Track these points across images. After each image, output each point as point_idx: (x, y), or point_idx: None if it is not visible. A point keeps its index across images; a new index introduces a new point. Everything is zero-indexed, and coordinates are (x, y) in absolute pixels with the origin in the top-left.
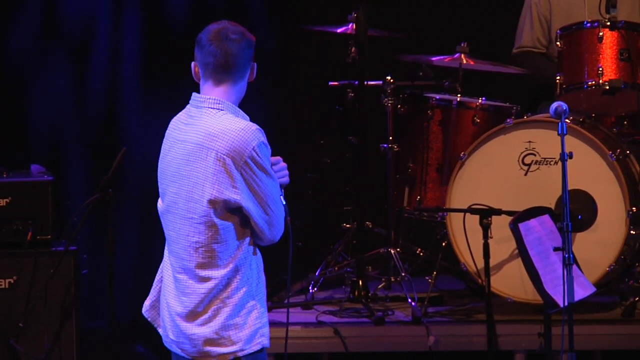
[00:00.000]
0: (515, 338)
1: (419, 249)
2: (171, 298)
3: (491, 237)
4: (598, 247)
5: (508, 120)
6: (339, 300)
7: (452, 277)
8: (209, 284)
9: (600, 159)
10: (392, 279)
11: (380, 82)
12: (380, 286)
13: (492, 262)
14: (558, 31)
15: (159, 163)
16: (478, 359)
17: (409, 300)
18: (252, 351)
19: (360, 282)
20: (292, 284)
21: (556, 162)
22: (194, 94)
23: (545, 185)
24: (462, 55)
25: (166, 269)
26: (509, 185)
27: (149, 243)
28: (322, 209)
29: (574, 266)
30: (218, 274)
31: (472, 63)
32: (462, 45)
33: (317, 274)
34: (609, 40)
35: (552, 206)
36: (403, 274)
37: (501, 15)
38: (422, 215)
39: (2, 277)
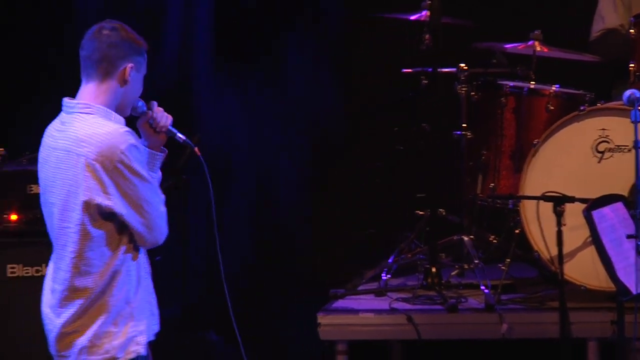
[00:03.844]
0: (588, 326)
1: (492, 237)
2: (48, 309)
3: (564, 225)
4: None
5: (581, 108)
6: (412, 288)
7: (525, 264)
8: (86, 294)
9: None
10: (465, 267)
11: (454, 70)
12: (453, 273)
13: (566, 249)
14: (631, 18)
15: (39, 172)
16: (551, 347)
17: (482, 287)
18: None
19: (434, 270)
20: (366, 272)
21: (630, 150)
22: (64, 99)
23: (619, 172)
24: (536, 43)
25: (46, 280)
26: (582, 173)
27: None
28: (396, 196)
29: None
30: (94, 283)
31: (545, 50)
32: (536, 32)
33: (390, 261)
34: None
35: (626, 194)
36: (476, 262)
37: (575, 2)
38: (495, 203)
39: None
